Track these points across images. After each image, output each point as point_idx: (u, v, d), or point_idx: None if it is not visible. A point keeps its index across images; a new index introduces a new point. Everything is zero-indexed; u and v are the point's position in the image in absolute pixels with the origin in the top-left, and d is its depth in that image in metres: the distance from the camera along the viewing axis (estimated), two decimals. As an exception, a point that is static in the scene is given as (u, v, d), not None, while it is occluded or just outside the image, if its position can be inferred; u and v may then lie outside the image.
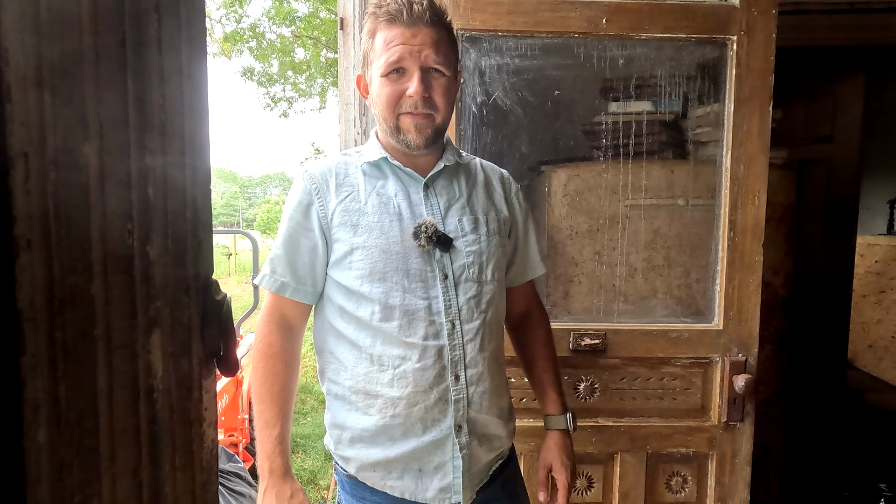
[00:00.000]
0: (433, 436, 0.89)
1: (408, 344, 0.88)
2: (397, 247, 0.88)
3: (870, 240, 3.03)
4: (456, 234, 0.92)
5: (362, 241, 0.88)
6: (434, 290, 0.89)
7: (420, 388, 0.88)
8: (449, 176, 0.98)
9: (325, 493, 3.24)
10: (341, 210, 0.90)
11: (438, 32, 0.87)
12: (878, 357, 2.90)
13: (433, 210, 0.93)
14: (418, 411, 0.88)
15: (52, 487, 0.25)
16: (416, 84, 0.85)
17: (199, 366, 0.38)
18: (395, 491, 0.91)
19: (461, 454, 0.90)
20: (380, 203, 0.91)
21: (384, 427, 0.89)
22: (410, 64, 0.86)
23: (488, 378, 0.93)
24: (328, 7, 7.33)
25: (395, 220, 0.90)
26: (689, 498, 1.40)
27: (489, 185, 1.01)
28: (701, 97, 1.41)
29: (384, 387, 0.88)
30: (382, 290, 0.87)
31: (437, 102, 0.88)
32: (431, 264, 0.89)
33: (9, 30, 0.22)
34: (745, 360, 1.34)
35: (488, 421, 0.94)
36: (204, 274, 0.39)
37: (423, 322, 0.88)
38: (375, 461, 0.90)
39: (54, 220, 0.25)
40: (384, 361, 0.88)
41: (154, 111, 0.32)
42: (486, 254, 0.94)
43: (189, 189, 0.36)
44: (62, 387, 0.25)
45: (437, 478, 0.90)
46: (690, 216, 1.44)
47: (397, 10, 0.85)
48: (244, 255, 14.17)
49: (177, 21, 0.34)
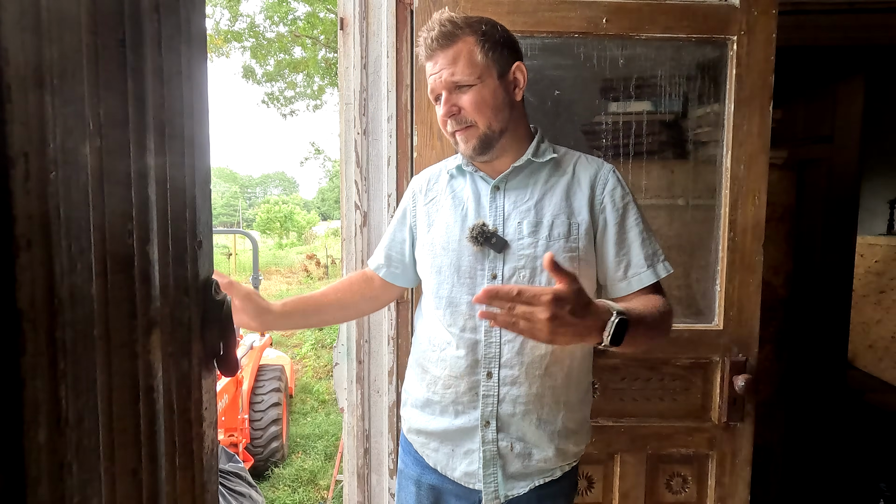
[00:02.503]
0: (462, 422, 0.97)
1: (451, 332, 0.97)
2: (455, 244, 0.97)
3: (870, 240, 3.03)
4: (514, 236, 0.94)
5: (431, 239, 1.01)
6: (479, 288, 0.92)
7: (454, 373, 0.96)
8: (526, 176, 0.98)
9: (326, 493, 3.24)
10: (424, 211, 1.05)
11: (455, 49, 0.91)
12: (878, 357, 2.90)
13: (496, 211, 0.97)
14: (450, 394, 0.97)
15: (52, 487, 0.25)
16: (443, 106, 0.94)
17: (199, 366, 0.38)
18: (430, 460, 1.02)
19: (483, 448, 0.95)
20: (453, 205, 1.01)
21: (428, 400, 1.01)
22: (440, 90, 0.94)
23: (527, 384, 0.93)
24: (328, 7, 7.33)
25: (459, 220, 0.98)
26: (690, 498, 1.40)
27: (573, 186, 0.97)
28: (701, 97, 1.41)
29: (432, 364, 1.00)
30: (437, 281, 0.98)
31: (468, 114, 0.93)
32: (483, 263, 0.95)
33: (9, 30, 0.22)
34: (745, 361, 1.34)
35: (525, 429, 0.95)
36: (204, 274, 0.39)
37: (464, 316, 0.95)
38: (419, 428, 1.03)
39: (54, 220, 0.25)
40: (435, 343, 1.00)
41: (154, 111, 0.32)
42: (542, 259, 0.92)
43: (189, 189, 0.36)
44: (62, 387, 0.25)
45: (466, 462, 0.98)
46: (690, 216, 1.44)
47: (422, 48, 0.95)
48: (244, 255, 14.18)
49: (177, 21, 0.34)
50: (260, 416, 3.50)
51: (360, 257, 1.46)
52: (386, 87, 1.42)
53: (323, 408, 4.70)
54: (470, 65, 0.91)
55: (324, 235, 21.96)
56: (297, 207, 27.24)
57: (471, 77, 0.90)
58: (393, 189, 1.43)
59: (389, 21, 1.41)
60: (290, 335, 7.01)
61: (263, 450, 3.48)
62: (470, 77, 0.90)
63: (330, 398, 4.84)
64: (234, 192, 59.39)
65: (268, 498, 3.18)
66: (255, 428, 3.47)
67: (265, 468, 3.51)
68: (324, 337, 6.74)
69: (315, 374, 5.63)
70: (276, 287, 10.34)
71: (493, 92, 0.92)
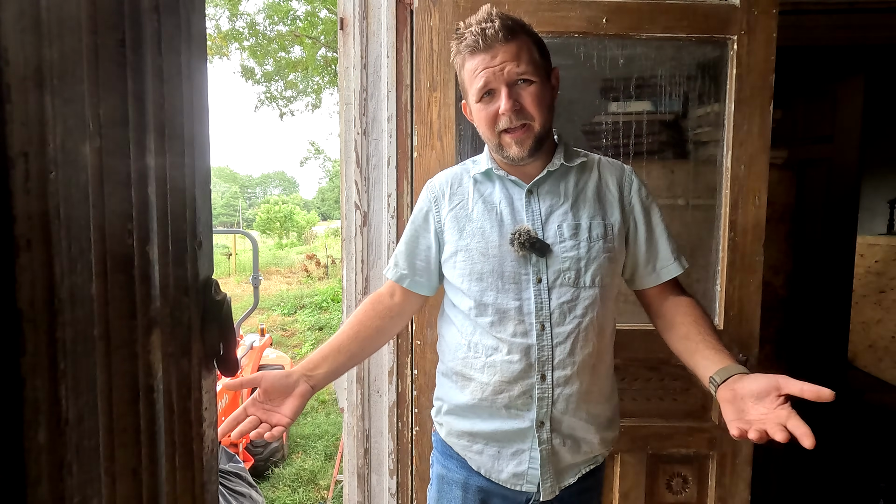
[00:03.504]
0: (515, 424, 0.96)
1: (499, 338, 0.95)
2: (495, 250, 0.95)
3: (870, 240, 3.03)
4: (554, 239, 0.95)
5: (465, 244, 0.98)
6: (527, 293, 0.94)
7: (506, 378, 0.95)
8: (556, 180, 0.99)
9: (326, 493, 3.24)
10: (452, 216, 1.01)
11: (518, 44, 0.90)
12: (878, 357, 2.90)
13: (534, 216, 0.97)
14: (503, 399, 0.96)
15: (52, 487, 0.25)
16: (505, 101, 0.90)
17: (199, 366, 0.38)
18: (473, 463, 1.00)
19: (539, 448, 0.96)
20: (485, 210, 0.98)
21: (474, 406, 0.98)
22: (497, 84, 0.91)
23: (578, 382, 0.95)
24: (328, 6, 7.34)
25: (495, 225, 0.97)
26: (690, 498, 1.40)
27: (602, 188, 1.00)
28: (701, 97, 1.41)
29: (477, 371, 0.97)
30: (479, 288, 0.96)
31: (530, 111, 0.91)
32: (526, 268, 0.95)
33: (9, 30, 0.22)
34: (745, 361, 1.33)
35: (575, 424, 0.96)
36: (204, 274, 0.39)
37: (513, 321, 0.94)
38: (461, 430, 1.01)
39: (54, 220, 0.25)
40: (479, 349, 0.98)
41: (154, 111, 0.32)
42: (586, 259, 0.94)
43: (189, 189, 0.36)
44: (62, 387, 0.25)
45: (514, 463, 0.97)
46: (691, 216, 1.44)
47: (474, 40, 0.90)
48: (244, 255, 14.18)
49: (177, 21, 0.34)
50: (260, 416, 3.49)
51: (360, 257, 1.46)
52: (386, 87, 1.42)
53: (323, 408, 4.71)
54: (532, 62, 0.91)
55: (324, 235, 21.95)
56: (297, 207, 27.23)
57: (533, 73, 0.91)
58: (393, 189, 1.43)
59: (389, 21, 1.41)
60: (289, 335, 7.02)
61: (263, 450, 3.48)
62: (532, 73, 0.90)
63: (330, 398, 4.84)
64: (234, 192, 59.41)
65: (268, 498, 3.18)
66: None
67: (265, 468, 3.51)
68: (324, 337, 6.74)
69: (315, 374, 5.61)
70: (275, 287, 10.34)
71: (547, 90, 0.94)
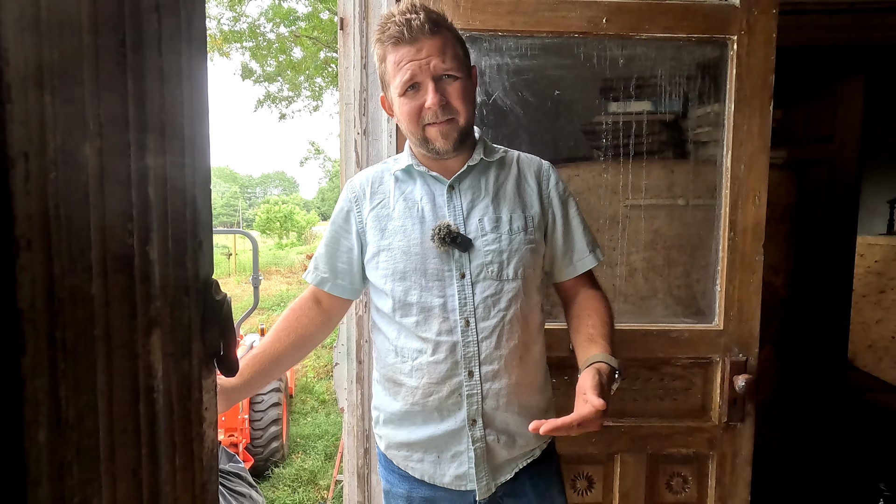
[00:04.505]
0: (449, 426, 0.95)
1: (423, 339, 0.94)
2: (417, 248, 0.94)
3: (870, 240, 3.03)
4: (476, 233, 0.95)
5: (387, 244, 0.96)
6: (451, 289, 0.94)
7: (433, 380, 0.94)
8: (477, 175, 0.99)
9: (326, 493, 3.24)
10: (373, 215, 0.99)
11: (442, 38, 0.90)
12: (878, 357, 2.90)
13: (455, 211, 0.96)
14: (433, 402, 0.95)
15: (52, 488, 0.25)
16: (432, 94, 0.89)
17: (199, 366, 0.38)
18: (416, 472, 0.99)
19: (474, 447, 0.95)
20: (405, 207, 0.97)
21: (407, 413, 0.97)
22: (423, 77, 0.89)
23: (507, 376, 0.94)
24: (328, 7, 7.34)
25: (417, 222, 0.95)
26: (690, 498, 1.40)
27: (521, 182, 1.01)
28: (701, 97, 1.41)
29: (405, 376, 0.96)
30: (402, 288, 0.94)
31: (456, 105, 0.91)
32: (449, 264, 0.94)
33: (9, 30, 0.22)
34: (745, 360, 1.34)
35: (508, 419, 0.96)
36: (204, 274, 0.39)
37: (438, 319, 0.93)
38: (399, 442, 0.99)
39: (54, 220, 0.25)
40: (405, 353, 0.96)
41: (154, 111, 0.32)
42: (508, 252, 0.94)
43: (189, 189, 0.36)
44: (62, 387, 0.25)
45: (454, 465, 0.96)
46: (691, 216, 1.44)
47: (398, 31, 0.88)
48: (244, 255, 14.18)
49: (177, 21, 0.34)
50: (260, 417, 3.50)
51: (360, 257, 1.46)
52: (386, 87, 1.42)
53: (323, 408, 4.70)
54: (456, 57, 0.91)
55: (324, 235, 21.90)
56: (296, 207, 27.22)
57: (457, 69, 0.91)
58: (393, 189, 1.43)
59: (389, 21, 1.41)
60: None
61: (263, 450, 3.48)
62: (456, 69, 0.90)
63: (330, 398, 4.84)
64: (234, 192, 59.40)
65: (268, 498, 3.18)
66: (255, 428, 3.47)
67: (265, 468, 3.51)
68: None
69: (315, 374, 5.63)
70: (275, 287, 10.33)
71: (470, 87, 0.94)
